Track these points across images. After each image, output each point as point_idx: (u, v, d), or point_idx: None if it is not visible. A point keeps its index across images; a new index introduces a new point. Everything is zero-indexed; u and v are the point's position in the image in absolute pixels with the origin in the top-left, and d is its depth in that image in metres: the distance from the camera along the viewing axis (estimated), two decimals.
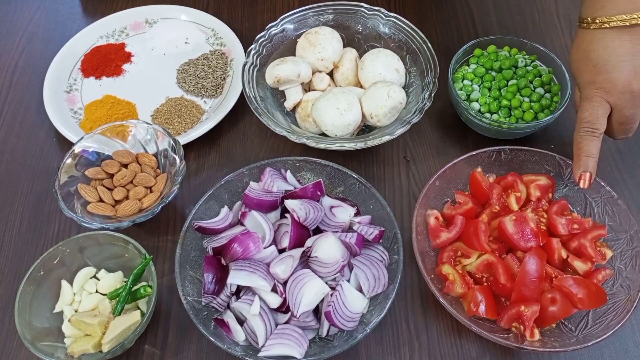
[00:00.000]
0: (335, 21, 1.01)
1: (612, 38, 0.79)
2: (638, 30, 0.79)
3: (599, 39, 0.80)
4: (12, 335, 0.82)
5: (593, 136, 0.81)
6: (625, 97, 0.80)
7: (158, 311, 0.83)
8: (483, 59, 0.97)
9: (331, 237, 0.78)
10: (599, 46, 0.80)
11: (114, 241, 0.81)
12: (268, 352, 0.73)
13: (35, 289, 0.78)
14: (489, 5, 1.16)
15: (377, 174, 0.95)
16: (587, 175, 0.81)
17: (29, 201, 0.93)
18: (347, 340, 0.74)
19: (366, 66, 0.94)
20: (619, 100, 0.80)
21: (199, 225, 0.81)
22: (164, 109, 1.00)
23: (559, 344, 0.74)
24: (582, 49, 0.82)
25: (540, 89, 0.94)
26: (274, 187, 0.84)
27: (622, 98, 0.80)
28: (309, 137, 0.89)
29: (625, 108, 0.81)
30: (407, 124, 0.88)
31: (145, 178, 0.88)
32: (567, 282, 0.76)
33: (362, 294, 0.77)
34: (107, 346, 0.75)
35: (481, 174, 0.87)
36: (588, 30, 0.81)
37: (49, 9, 1.18)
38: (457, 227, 0.82)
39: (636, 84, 0.79)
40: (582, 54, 0.82)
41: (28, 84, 1.07)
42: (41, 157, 0.98)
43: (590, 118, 0.81)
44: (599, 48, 0.80)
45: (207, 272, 0.77)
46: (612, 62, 0.79)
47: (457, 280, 0.79)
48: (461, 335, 0.81)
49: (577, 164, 0.82)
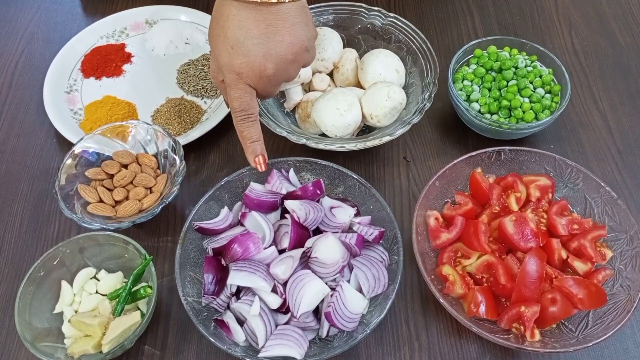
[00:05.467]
0: (336, 21, 1.01)
1: (246, 16, 0.76)
2: (272, 11, 0.75)
3: (234, 15, 0.76)
4: (12, 335, 0.82)
5: (250, 121, 0.81)
6: (263, 80, 0.79)
7: (158, 312, 0.83)
8: (483, 60, 0.97)
9: (331, 238, 0.78)
10: (235, 24, 0.76)
11: (114, 242, 0.81)
12: (268, 352, 0.73)
13: (35, 289, 0.78)
14: (489, 6, 1.16)
15: (377, 175, 0.95)
16: (260, 158, 0.82)
17: (29, 202, 0.93)
18: (347, 341, 0.74)
19: (366, 67, 0.94)
20: (258, 84, 0.79)
21: (199, 225, 0.81)
22: (164, 109, 1.00)
23: (559, 345, 0.74)
24: (220, 24, 0.78)
25: (541, 90, 0.94)
26: (282, 189, 0.84)
27: (260, 82, 0.79)
28: (309, 138, 0.89)
29: (265, 89, 0.81)
30: (407, 125, 0.88)
31: (145, 178, 0.88)
32: (567, 283, 0.76)
33: (362, 295, 0.77)
34: (107, 347, 0.75)
35: (481, 175, 0.87)
36: (224, 2, 0.77)
37: (49, 10, 1.18)
38: (457, 227, 0.82)
39: (270, 67, 0.77)
40: (220, 30, 0.78)
41: (28, 85, 1.07)
42: (41, 158, 0.98)
43: (242, 106, 0.80)
44: (234, 26, 0.76)
45: (207, 273, 0.77)
46: (247, 45, 0.76)
47: (457, 280, 0.79)
48: (461, 335, 0.81)
49: (247, 152, 0.82)
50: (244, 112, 0.81)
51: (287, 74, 0.81)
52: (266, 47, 0.76)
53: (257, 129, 0.82)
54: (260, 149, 0.82)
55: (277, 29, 0.76)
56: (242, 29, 0.76)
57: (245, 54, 0.77)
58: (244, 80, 0.79)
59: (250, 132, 0.82)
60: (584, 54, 1.09)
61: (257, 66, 0.77)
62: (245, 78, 0.78)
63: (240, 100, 0.80)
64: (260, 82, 0.79)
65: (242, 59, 0.77)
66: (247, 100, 0.80)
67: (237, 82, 0.79)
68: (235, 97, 0.80)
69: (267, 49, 0.77)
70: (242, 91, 0.79)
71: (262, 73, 0.78)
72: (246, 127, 0.81)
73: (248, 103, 0.80)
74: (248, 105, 0.80)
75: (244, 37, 0.76)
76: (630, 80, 1.05)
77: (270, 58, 0.77)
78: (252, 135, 0.82)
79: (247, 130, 0.82)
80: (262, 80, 0.79)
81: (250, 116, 0.81)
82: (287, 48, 0.77)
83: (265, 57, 0.77)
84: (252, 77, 0.78)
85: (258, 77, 0.78)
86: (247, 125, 0.81)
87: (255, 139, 0.82)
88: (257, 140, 0.82)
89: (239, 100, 0.80)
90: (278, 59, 0.77)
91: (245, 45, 0.76)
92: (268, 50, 0.77)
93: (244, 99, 0.80)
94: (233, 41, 0.77)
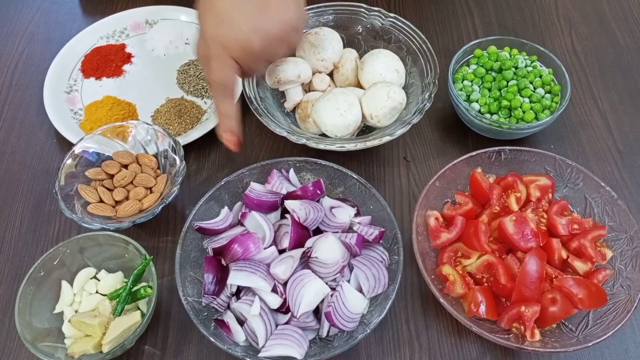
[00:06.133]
0: (336, 22, 1.01)
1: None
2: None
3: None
4: (12, 335, 0.82)
5: (229, 96, 0.80)
6: (248, 55, 0.78)
7: (158, 312, 0.83)
8: (483, 60, 0.97)
9: (331, 238, 0.78)
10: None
11: (114, 242, 0.81)
12: (268, 352, 0.73)
13: (36, 289, 0.78)
14: (489, 6, 1.16)
15: (377, 175, 0.95)
16: (230, 135, 0.82)
17: (29, 202, 0.93)
18: (347, 341, 0.74)
19: (366, 67, 0.94)
20: (242, 59, 0.78)
21: (199, 225, 0.81)
22: (164, 109, 1.00)
23: (560, 345, 0.74)
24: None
25: (541, 90, 0.94)
26: (282, 189, 0.84)
27: (244, 57, 0.78)
28: (309, 138, 0.89)
29: (248, 64, 0.80)
30: (407, 125, 0.88)
31: (146, 179, 0.88)
32: (568, 283, 0.76)
33: (362, 295, 0.77)
34: (107, 347, 0.75)
35: (481, 175, 0.87)
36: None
37: (49, 10, 1.18)
38: (457, 227, 0.82)
39: (257, 42, 0.77)
40: (209, 3, 0.78)
41: (28, 85, 1.07)
42: (41, 158, 0.98)
43: (221, 79, 0.80)
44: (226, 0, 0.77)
45: (207, 273, 0.77)
46: (236, 18, 0.76)
47: (457, 280, 0.79)
48: (461, 335, 0.81)
49: (220, 127, 0.82)
50: (224, 86, 0.80)
51: (273, 52, 0.81)
52: (255, 22, 0.76)
53: (233, 104, 0.81)
54: (235, 126, 0.82)
55: (269, 5, 0.77)
56: (233, 3, 0.76)
57: (232, 26, 0.76)
58: (229, 53, 0.78)
59: (226, 106, 0.81)
60: (584, 54, 1.09)
61: (243, 40, 0.76)
62: (230, 51, 0.78)
63: (222, 73, 0.79)
64: (245, 56, 0.78)
65: (229, 31, 0.76)
66: (228, 74, 0.79)
67: (221, 54, 0.78)
68: (216, 69, 0.79)
69: (255, 23, 0.76)
70: (225, 64, 0.79)
71: (248, 47, 0.77)
72: (222, 101, 0.81)
73: (229, 77, 0.80)
74: (229, 79, 0.80)
75: (234, 10, 0.76)
76: (630, 80, 1.05)
77: (258, 33, 0.76)
78: (229, 110, 0.81)
79: (222, 104, 0.81)
80: (247, 55, 0.78)
81: (230, 91, 0.80)
82: (276, 25, 0.77)
83: (253, 32, 0.76)
84: (237, 50, 0.77)
85: (243, 51, 0.77)
86: (225, 99, 0.81)
87: (230, 115, 0.81)
88: (233, 116, 0.81)
89: (220, 72, 0.79)
90: (266, 34, 0.77)
91: (234, 18, 0.76)
92: (256, 24, 0.76)
93: (226, 72, 0.79)
94: (222, 14, 0.77)
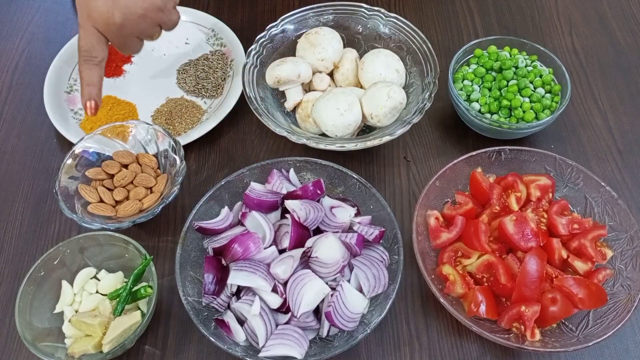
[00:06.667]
0: (336, 21, 1.01)
1: None
2: None
3: None
4: (12, 335, 0.82)
5: (92, 64, 0.84)
6: (111, 29, 0.83)
7: (158, 311, 0.83)
8: (483, 59, 0.97)
9: (331, 238, 0.78)
10: None
11: (115, 242, 0.81)
12: (268, 352, 0.73)
13: (36, 289, 0.78)
14: (489, 5, 1.16)
15: (377, 174, 0.95)
16: (92, 103, 0.85)
17: (30, 202, 0.93)
18: (347, 341, 0.74)
19: (366, 66, 0.94)
20: (106, 32, 0.83)
21: (199, 225, 0.81)
22: (164, 109, 1.00)
23: (560, 344, 0.74)
24: None
25: (541, 89, 0.94)
26: (282, 189, 0.84)
27: (108, 30, 0.83)
28: (309, 138, 0.89)
29: (115, 38, 0.85)
30: (407, 124, 0.88)
31: (146, 178, 0.88)
32: (568, 282, 0.76)
33: (362, 294, 0.77)
34: (108, 346, 0.75)
35: (481, 174, 0.87)
36: None
37: (49, 10, 1.18)
38: (457, 227, 0.82)
39: (117, 17, 0.82)
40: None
41: (28, 85, 1.07)
42: (41, 158, 0.98)
43: (86, 47, 0.84)
44: None
45: (207, 273, 0.77)
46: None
47: (457, 280, 0.79)
48: (462, 335, 0.81)
49: (82, 94, 0.85)
50: (88, 54, 0.84)
51: (138, 28, 0.85)
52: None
53: (97, 73, 0.85)
54: (95, 93, 0.85)
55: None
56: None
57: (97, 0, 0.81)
58: (93, 24, 0.83)
59: (89, 74, 0.85)
60: (584, 54, 1.09)
61: (104, 13, 0.81)
62: (93, 22, 0.83)
63: (86, 40, 0.84)
64: (108, 29, 0.83)
65: (93, 2, 0.82)
66: (92, 42, 0.84)
67: (86, 23, 0.83)
68: (82, 37, 0.84)
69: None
70: (89, 33, 0.83)
71: (109, 20, 0.82)
72: (86, 69, 0.85)
73: (93, 45, 0.84)
74: (93, 48, 0.84)
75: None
76: (630, 80, 1.05)
77: (118, 8, 0.81)
78: (91, 78, 0.85)
79: (86, 72, 0.85)
80: (110, 28, 0.83)
81: (93, 59, 0.84)
82: (137, 2, 0.82)
83: (113, 6, 0.81)
84: (100, 23, 0.82)
85: (105, 23, 0.82)
86: (87, 67, 0.85)
87: (92, 83, 0.85)
88: (95, 84, 0.85)
89: (84, 40, 0.84)
90: (126, 10, 0.82)
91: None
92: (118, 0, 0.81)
93: (90, 40, 0.84)
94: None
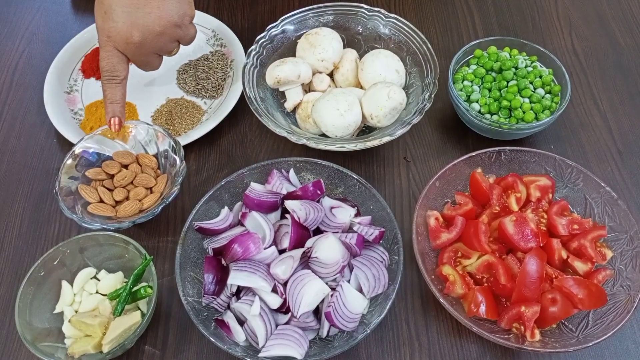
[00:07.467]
0: (336, 22, 1.01)
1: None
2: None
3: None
4: (12, 335, 0.82)
5: (114, 82, 0.87)
6: (130, 47, 0.86)
7: (158, 312, 0.83)
8: (483, 60, 0.97)
9: (331, 238, 0.78)
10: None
11: (114, 242, 0.81)
12: (268, 352, 0.73)
13: (36, 289, 0.78)
14: (489, 6, 1.16)
15: (377, 175, 0.95)
16: (116, 120, 0.88)
17: (30, 202, 0.93)
18: (347, 341, 0.74)
19: (366, 67, 0.94)
20: (126, 50, 0.86)
21: (199, 225, 0.81)
22: (164, 109, 1.00)
23: (560, 345, 0.74)
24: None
25: (541, 90, 0.94)
26: (282, 189, 0.84)
27: (127, 48, 0.86)
28: (309, 138, 0.89)
29: (135, 56, 0.88)
30: (407, 125, 0.88)
31: (146, 179, 0.88)
32: (568, 283, 0.76)
33: (362, 295, 0.77)
34: (108, 347, 0.75)
35: (481, 175, 0.87)
36: None
37: (49, 10, 1.18)
38: (457, 227, 0.82)
39: (136, 36, 0.84)
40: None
41: (28, 85, 1.07)
42: (41, 158, 0.98)
43: (108, 67, 0.87)
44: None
45: (207, 273, 0.77)
46: (117, 12, 0.84)
47: (457, 280, 0.79)
48: (461, 335, 0.81)
49: (106, 112, 0.88)
50: (109, 73, 0.87)
51: (156, 45, 0.87)
52: (134, 17, 0.84)
53: (120, 92, 0.88)
54: (119, 111, 0.88)
55: (147, 2, 0.84)
56: None
57: (114, 19, 0.84)
58: (113, 44, 0.86)
59: (112, 93, 0.87)
60: (584, 54, 1.09)
61: (123, 33, 0.84)
62: (113, 42, 0.85)
63: (107, 61, 0.86)
64: (128, 48, 0.86)
65: (112, 24, 0.84)
66: (113, 62, 0.86)
67: (106, 44, 0.86)
68: (103, 57, 0.87)
69: (134, 18, 0.84)
70: (110, 53, 0.86)
71: (129, 40, 0.85)
72: (109, 88, 0.87)
73: (114, 65, 0.87)
74: (114, 67, 0.87)
75: (117, 6, 0.84)
76: (630, 81, 1.05)
77: (136, 27, 0.84)
78: (114, 97, 0.88)
79: (109, 91, 0.88)
80: (130, 47, 0.86)
81: (115, 78, 0.87)
82: (154, 20, 0.85)
83: (132, 26, 0.84)
84: (120, 42, 0.85)
85: (125, 43, 0.85)
86: (110, 86, 0.87)
87: (115, 101, 0.88)
88: (118, 102, 0.88)
89: (106, 60, 0.87)
90: (144, 29, 0.84)
91: (115, 12, 0.84)
92: (135, 19, 0.84)
93: (111, 60, 0.86)
94: (107, 7, 0.84)
